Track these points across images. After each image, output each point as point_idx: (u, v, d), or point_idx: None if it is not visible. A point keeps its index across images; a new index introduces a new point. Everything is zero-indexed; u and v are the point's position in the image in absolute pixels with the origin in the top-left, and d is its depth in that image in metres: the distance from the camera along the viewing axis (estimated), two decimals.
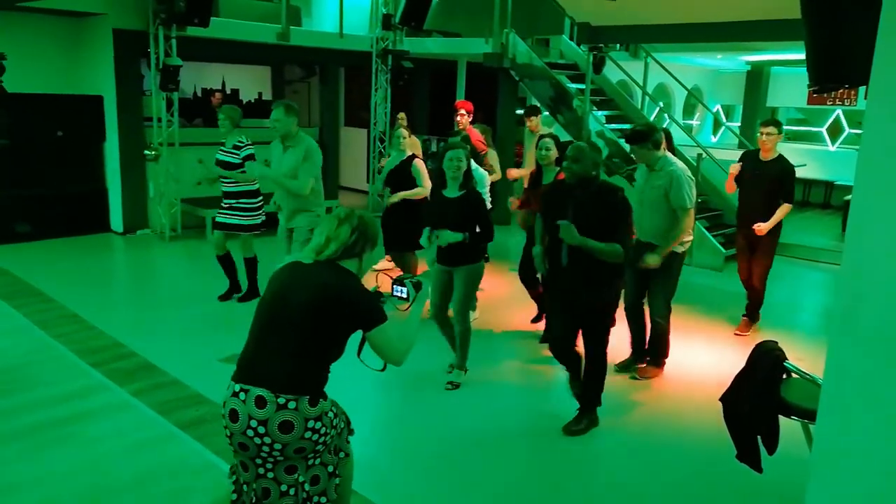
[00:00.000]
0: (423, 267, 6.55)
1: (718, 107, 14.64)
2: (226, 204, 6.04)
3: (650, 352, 5.14)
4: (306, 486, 2.47)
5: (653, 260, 4.69)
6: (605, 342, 4.10)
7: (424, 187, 5.83)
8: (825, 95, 11.99)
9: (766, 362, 2.89)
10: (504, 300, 6.58)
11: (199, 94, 12.24)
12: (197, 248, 8.25)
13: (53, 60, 8.51)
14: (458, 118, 7.07)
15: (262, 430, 2.37)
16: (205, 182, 6.39)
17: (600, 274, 3.90)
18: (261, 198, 6.09)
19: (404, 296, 2.83)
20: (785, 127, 14.73)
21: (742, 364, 3.04)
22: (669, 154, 4.85)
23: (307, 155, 5.21)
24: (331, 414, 2.52)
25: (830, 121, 13.89)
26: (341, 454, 2.65)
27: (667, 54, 10.47)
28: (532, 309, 5.93)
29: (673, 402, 4.69)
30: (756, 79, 13.93)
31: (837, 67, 1.97)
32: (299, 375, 2.43)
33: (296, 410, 2.38)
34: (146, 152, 8.49)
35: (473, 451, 3.91)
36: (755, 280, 5.90)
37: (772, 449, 2.87)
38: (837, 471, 1.82)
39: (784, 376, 2.89)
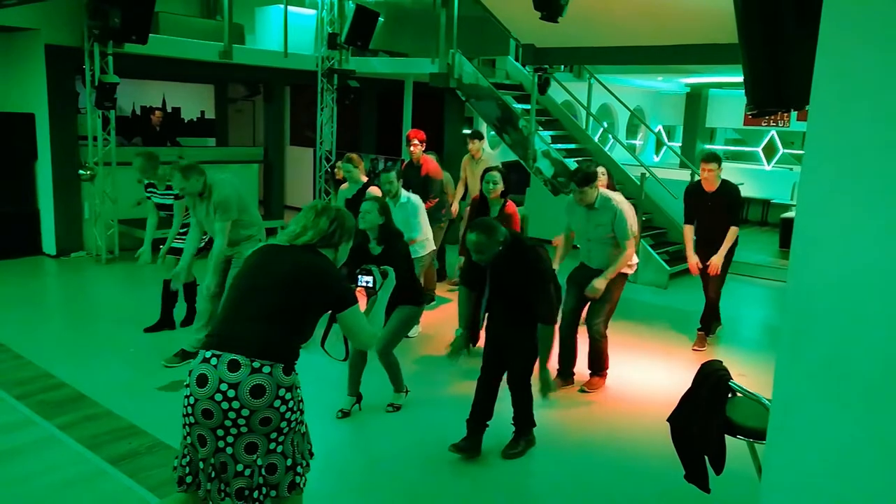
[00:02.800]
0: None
1: (660, 127, 15.01)
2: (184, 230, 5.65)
3: (592, 366, 5.17)
4: (262, 472, 2.40)
5: (599, 284, 4.84)
6: (530, 369, 4.02)
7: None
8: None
9: (711, 382, 2.90)
10: (451, 319, 6.52)
11: (139, 112, 11.92)
12: (135, 271, 7.91)
13: None
14: (412, 148, 6.96)
15: (231, 393, 2.34)
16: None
17: (523, 326, 3.91)
18: None
19: (371, 284, 2.90)
20: (723, 147, 15.30)
21: (685, 381, 3.05)
22: (603, 189, 4.97)
23: (220, 205, 4.95)
24: (300, 391, 2.52)
25: (765, 141, 14.39)
26: (302, 462, 2.56)
27: (610, 76, 10.68)
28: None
29: (619, 421, 4.69)
30: (695, 100, 14.35)
31: (777, 92, 2.00)
32: (275, 343, 2.44)
33: (270, 375, 2.38)
34: (81, 172, 8.18)
35: (414, 473, 3.82)
36: (710, 292, 5.99)
37: (719, 469, 2.88)
38: (788, 496, 1.82)
39: (729, 395, 2.91)
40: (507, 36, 9.91)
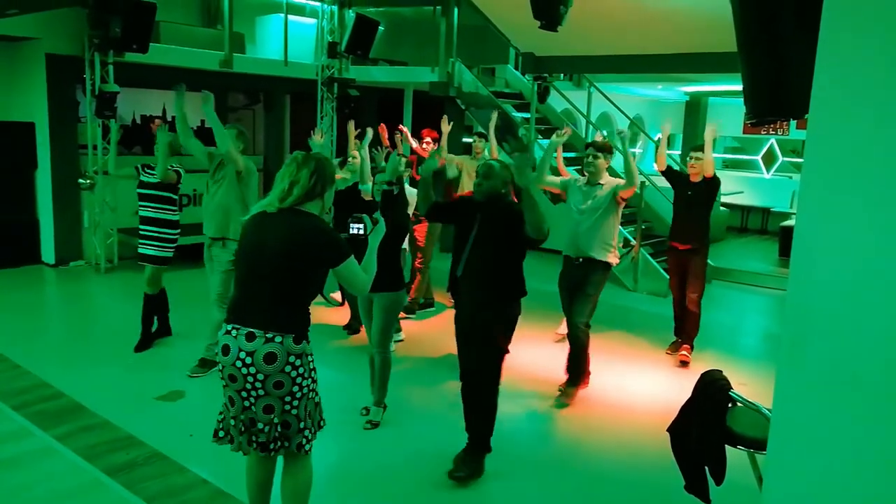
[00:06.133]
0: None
1: (660, 135, 15.02)
2: (143, 232, 5.52)
3: (571, 370, 5.01)
4: (279, 428, 2.75)
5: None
6: (495, 370, 3.82)
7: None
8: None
9: (711, 392, 2.89)
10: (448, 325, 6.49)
11: (139, 120, 11.92)
12: (134, 280, 7.86)
13: None
14: (424, 145, 7.17)
15: (248, 360, 2.68)
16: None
17: (497, 289, 3.76)
18: (179, 230, 5.65)
19: (362, 231, 3.13)
20: (722, 155, 15.30)
21: (685, 391, 3.04)
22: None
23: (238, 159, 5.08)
24: (310, 359, 2.81)
25: (765, 149, 14.39)
26: (312, 427, 2.84)
27: (609, 84, 10.70)
28: None
29: (618, 431, 4.67)
30: (694, 109, 14.38)
31: (776, 101, 1.99)
32: (283, 317, 2.73)
33: (281, 344, 2.69)
34: (81, 181, 8.18)
35: (410, 484, 3.79)
36: (690, 304, 5.91)
37: (719, 479, 2.86)
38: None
39: (729, 405, 2.89)
40: (506, 44, 9.94)
